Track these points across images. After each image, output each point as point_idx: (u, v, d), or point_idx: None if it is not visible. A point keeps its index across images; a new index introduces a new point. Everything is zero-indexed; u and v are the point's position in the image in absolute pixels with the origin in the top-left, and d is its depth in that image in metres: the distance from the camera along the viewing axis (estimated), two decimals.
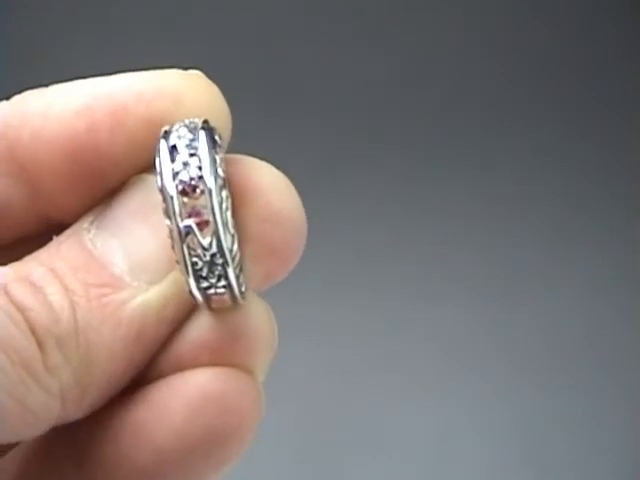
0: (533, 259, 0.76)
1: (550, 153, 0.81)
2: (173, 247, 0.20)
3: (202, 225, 0.20)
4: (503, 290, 0.75)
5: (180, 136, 0.21)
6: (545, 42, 0.84)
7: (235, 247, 0.21)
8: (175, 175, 0.20)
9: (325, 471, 0.68)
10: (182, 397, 0.21)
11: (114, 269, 0.21)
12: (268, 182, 0.22)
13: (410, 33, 0.84)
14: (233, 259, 0.20)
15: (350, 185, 0.78)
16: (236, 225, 0.21)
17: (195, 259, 0.20)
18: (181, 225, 0.20)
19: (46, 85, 0.24)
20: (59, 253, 0.21)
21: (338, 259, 0.74)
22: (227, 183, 0.21)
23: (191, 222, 0.20)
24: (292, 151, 0.78)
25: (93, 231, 0.21)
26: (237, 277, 0.21)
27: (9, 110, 0.22)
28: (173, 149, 0.20)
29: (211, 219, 0.20)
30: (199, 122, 0.21)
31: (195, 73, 0.22)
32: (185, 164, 0.20)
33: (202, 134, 0.21)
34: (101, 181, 0.22)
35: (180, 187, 0.20)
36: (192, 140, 0.21)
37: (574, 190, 0.79)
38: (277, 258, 0.22)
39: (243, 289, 0.21)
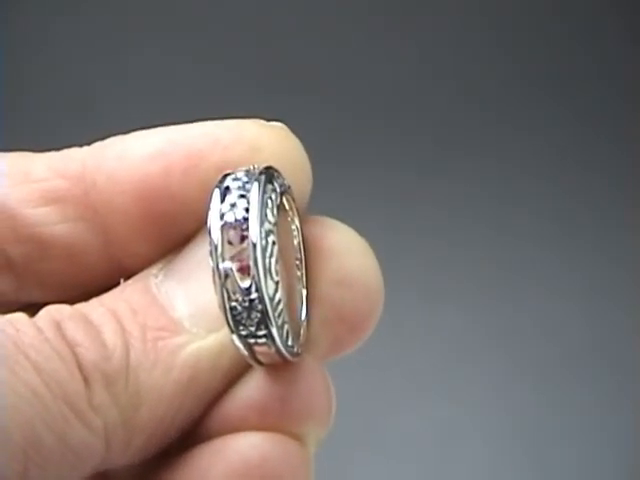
0: (534, 259, 0.76)
1: (552, 153, 0.81)
2: (215, 290, 0.20)
3: (243, 269, 0.20)
4: (504, 290, 0.75)
5: (235, 178, 0.20)
6: (548, 42, 0.84)
7: (278, 295, 0.20)
8: (222, 216, 0.20)
9: (325, 471, 0.68)
10: (223, 463, 0.20)
11: (174, 314, 0.20)
12: (344, 244, 0.21)
13: (412, 29, 0.84)
14: (274, 308, 0.20)
15: (349, 183, 0.78)
16: (308, 287, 0.21)
17: (234, 303, 0.20)
18: (221, 266, 0.20)
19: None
20: (122, 295, 0.21)
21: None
22: (291, 236, 0.21)
23: (231, 264, 0.19)
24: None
25: (160, 278, 0.21)
26: (279, 327, 0.20)
27: (87, 154, 0.22)
28: (226, 190, 0.20)
29: (252, 264, 0.19)
30: (261, 167, 0.20)
31: (277, 124, 0.22)
32: (233, 205, 0.20)
33: (257, 177, 0.20)
34: (173, 227, 0.21)
35: (224, 228, 0.20)
36: (246, 183, 0.20)
37: (576, 190, 0.79)
38: (346, 324, 0.21)
39: (290, 343, 0.20)
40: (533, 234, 0.77)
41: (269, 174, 0.20)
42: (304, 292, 0.21)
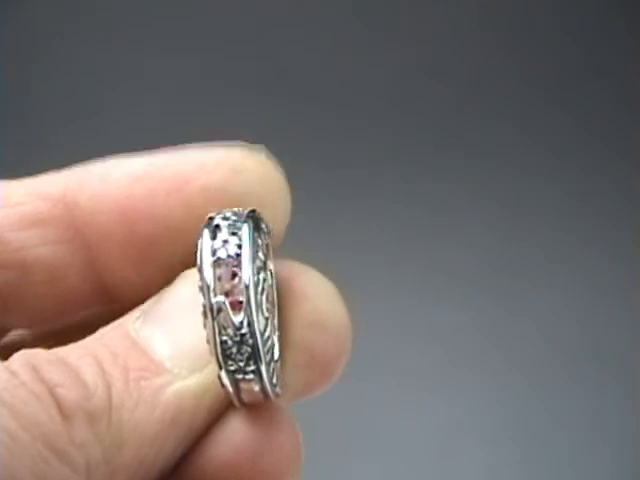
0: (534, 259, 0.76)
1: (552, 153, 0.81)
2: (205, 325, 0.20)
3: (235, 304, 0.20)
4: (503, 290, 0.75)
5: (225, 217, 0.21)
6: (549, 42, 0.84)
7: (268, 331, 0.20)
8: (214, 252, 0.20)
9: (325, 471, 0.68)
10: None
11: (155, 356, 0.20)
12: (315, 288, 0.22)
13: (411, 31, 0.84)
14: (264, 343, 0.20)
15: (350, 184, 0.78)
16: (280, 329, 0.21)
17: (225, 337, 0.20)
18: (213, 301, 0.20)
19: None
20: (101, 340, 0.21)
21: (337, 258, 0.74)
22: (271, 275, 0.21)
23: (224, 299, 0.20)
24: (291, 150, 0.78)
25: (138, 323, 0.21)
26: (267, 363, 0.20)
27: (68, 176, 0.22)
28: (216, 228, 0.20)
29: (244, 298, 0.20)
30: (247, 209, 0.21)
31: (260, 149, 0.22)
32: (225, 242, 0.20)
33: (247, 217, 0.21)
34: (156, 249, 0.22)
35: (216, 264, 0.20)
36: (236, 221, 0.20)
37: (575, 189, 0.79)
38: (317, 367, 0.21)
39: (274, 381, 0.21)
40: (533, 233, 0.77)
41: (256, 215, 0.21)
42: (277, 333, 0.21)
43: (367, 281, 0.75)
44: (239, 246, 0.20)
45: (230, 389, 0.20)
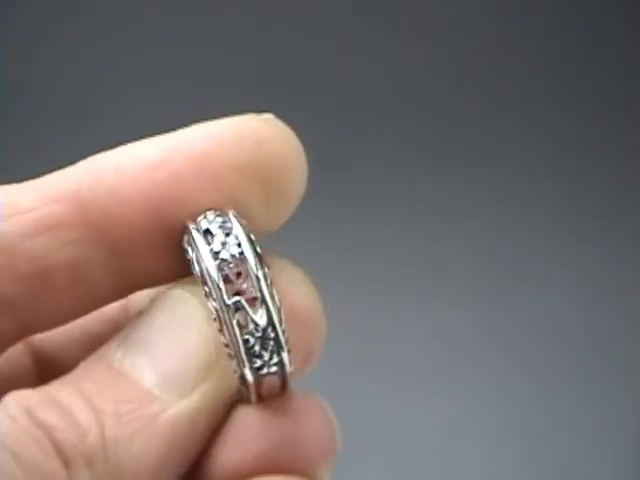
0: (535, 258, 0.76)
1: (552, 152, 0.81)
2: (221, 329, 0.20)
3: (250, 301, 0.20)
4: (504, 288, 0.75)
5: (210, 220, 0.21)
6: (549, 41, 0.84)
7: (283, 320, 0.20)
8: (215, 255, 0.20)
9: None
10: None
11: (142, 384, 0.20)
12: (293, 283, 0.22)
13: (411, 28, 0.84)
14: (283, 331, 0.20)
15: (349, 183, 0.78)
16: None
17: (247, 336, 0.20)
18: (229, 302, 0.20)
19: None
20: (86, 375, 0.20)
21: (337, 257, 0.74)
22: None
23: (239, 298, 0.20)
24: None
25: (119, 353, 0.21)
26: (289, 351, 0.20)
27: (80, 171, 0.21)
28: (207, 233, 0.21)
29: (258, 294, 0.20)
30: (224, 208, 0.21)
31: (269, 116, 0.22)
32: (223, 244, 0.20)
33: (232, 216, 0.21)
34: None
35: (222, 265, 0.20)
36: (224, 222, 0.21)
37: (576, 188, 0.79)
38: (300, 354, 0.22)
39: (292, 369, 0.21)
40: (535, 233, 0.77)
41: (235, 213, 0.21)
42: None
43: (366, 279, 0.75)
44: (239, 244, 0.20)
45: (253, 386, 0.20)
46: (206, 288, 0.20)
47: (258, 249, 0.21)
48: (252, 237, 0.21)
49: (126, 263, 0.21)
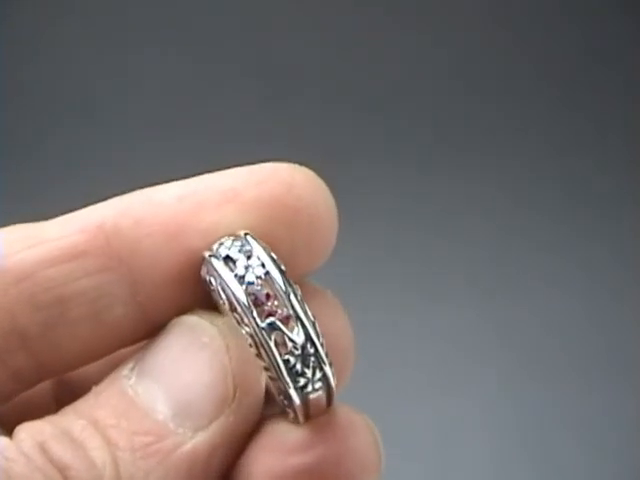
0: (537, 257, 0.76)
1: (553, 152, 0.81)
2: (259, 354, 0.20)
3: (284, 320, 0.20)
4: (506, 288, 0.75)
5: (228, 246, 0.20)
6: (549, 39, 0.84)
7: (320, 334, 0.20)
8: (241, 279, 0.20)
9: None
10: None
11: (157, 416, 0.20)
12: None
13: (415, 26, 0.84)
14: (322, 345, 0.20)
15: (352, 182, 0.78)
16: None
17: (287, 356, 0.20)
18: (263, 324, 0.20)
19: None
20: (99, 402, 0.20)
21: (339, 257, 0.74)
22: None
23: (273, 319, 0.20)
24: (296, 144, 0.78)
25: (133, 378, 0.20)
26: (331, 364, 0.20)
27: (107, 204, 0.21)
28: (227, 259, 0.20)
29: (291, 312, 0.20)
30: (242, 232, 0.21)
31: (303, 167, 0.22)
32: (247, 267, 0.20)
33: (250, 238, 0.20)
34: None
35: (250, 289, 0.20)
36: (242, 245, 0.20)
37: (579, 188, 0.79)
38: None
39: (336, 382, 0.20)
40: (536, 232, 0.77)
41: (251, 234, 0.21)
42: None
43: (369, 278, 0.75)
44: (262, 265, 0.20)
45: (300, 407, 0.20)
46: (236, 315, 0.20)
47: (282, 267, 0.20)
48: (274, 256, 0.20)
49: (147, 296, 0.21)
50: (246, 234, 0.20)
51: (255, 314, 0.20)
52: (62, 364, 0.22)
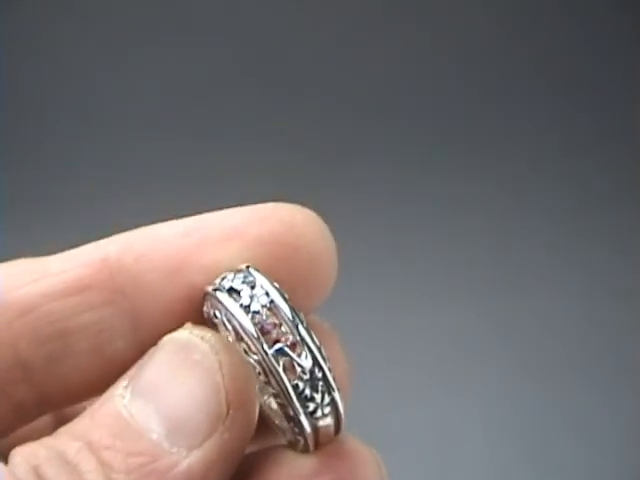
0: (539, 257, 0.76)
1: (554, 152, 0.81)
2: (268, 381, 0.20)
3: (292, 347, 0.20)
4: (506, 288, 0.75)
5: (231, 279, 0.21)
6: (549, 39, 0.84)
7: (327, 357, 0.20)
8: (247, 309, 0.20)
9: None
10: None
11: (152, 435, 0.20)
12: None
13: (410, 28, 0.84)
14: (330, 369, 0.20)
15: (349, 181, 0.78)
16: None
17: (296, 381, 0.20)
18: (271, 351, 0.20)
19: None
20: (94, 423, 0.20)
21: (339, 257, 0.74)
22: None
23: (281, 345, 0.20)
24: (296, 144, 0.78)
25: (128, 397, 0.20)
26: (339, 390, 0.20)
27: (111, 240, 0.22)
28: (232, 291, 0.20)
29: (298, 338, 0.20)
30: (243, 266, 0.21)
31: (305, 209, 0.22)
32: (251, 297, 0.20)
33: (252, 269, 0.21)
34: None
35: (256, 318, 0.20)
36: (245, 277, 0.21)
37: (579, 188, 0.79)
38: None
39: (344, 408, 0.20)
40: (536, 232, 0.77)
41: (252, 266, 0.21)
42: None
43: (369, 278, 0.75)
44: (267, 293, 0.20)
45: (311, 434, 0.20)
46: (243, 345, 0.20)
47: (286, 295, 0.20)
48: (277, 285, 0.21)
49: (148, 330, 0.21)
50: (247, 266, 0.21)
51: (263, 341, 0.20)
52: (64, 397, 0.22)
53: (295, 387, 0.20)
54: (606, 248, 0.76)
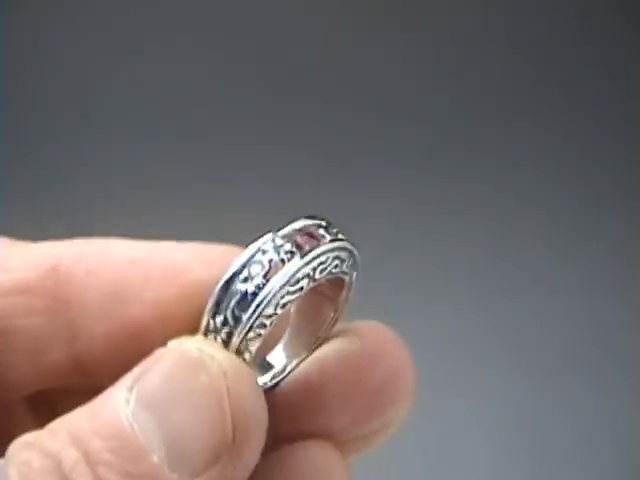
0: (539, 257, 0.76)
1: (553, 152, 0.81)
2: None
3: (311, 236, 0.22)
4: (505, 288, 0.75)
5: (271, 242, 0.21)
6: (549, 40, 0.84)
7: (270, 314, 0.20)
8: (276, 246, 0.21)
9: None
10: None
11: (153, 457, 0.19)
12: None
13: (411, 28, 0.84)
14: (263, 309, 0.20)
15: (350, 181, 0.78)
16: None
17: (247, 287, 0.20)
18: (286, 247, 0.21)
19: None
20: (94, 428, 0.19)
21: None
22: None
23: (297, 236, 0.21)
24: (296, 144, 0.78)
25: (131, 404, 0.19)
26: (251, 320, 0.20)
27: (66, 246, 0.22)
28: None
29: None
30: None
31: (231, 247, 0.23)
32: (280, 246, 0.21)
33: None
34: (141, 336, 0.21)
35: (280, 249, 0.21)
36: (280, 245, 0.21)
37: (578, 188, 0.79)
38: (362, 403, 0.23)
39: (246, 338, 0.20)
40: (536, 232, 0.77)
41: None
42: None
43: (369, 278, 0.74)
44: (292, 252, 0.21)
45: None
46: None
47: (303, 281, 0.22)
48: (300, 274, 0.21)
49: (84, 350, 0.21)
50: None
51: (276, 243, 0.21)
52: (8, 387, 0.22)
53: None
54: (606, 248, 0.76)
